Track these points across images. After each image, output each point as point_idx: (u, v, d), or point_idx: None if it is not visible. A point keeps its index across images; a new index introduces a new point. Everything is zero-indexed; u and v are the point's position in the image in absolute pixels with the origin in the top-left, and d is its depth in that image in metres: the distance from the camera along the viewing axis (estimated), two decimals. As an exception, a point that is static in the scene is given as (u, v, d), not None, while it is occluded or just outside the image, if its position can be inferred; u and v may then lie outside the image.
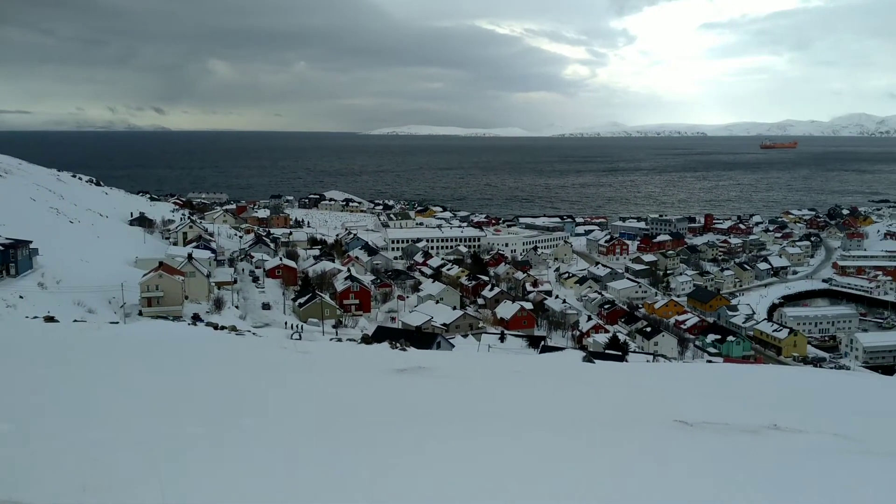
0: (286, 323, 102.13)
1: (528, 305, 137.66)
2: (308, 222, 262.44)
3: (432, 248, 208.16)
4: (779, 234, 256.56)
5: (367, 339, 46.34)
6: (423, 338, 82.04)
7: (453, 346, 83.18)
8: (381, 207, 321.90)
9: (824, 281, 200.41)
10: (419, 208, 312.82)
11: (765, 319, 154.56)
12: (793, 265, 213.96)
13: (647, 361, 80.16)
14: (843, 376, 52.63)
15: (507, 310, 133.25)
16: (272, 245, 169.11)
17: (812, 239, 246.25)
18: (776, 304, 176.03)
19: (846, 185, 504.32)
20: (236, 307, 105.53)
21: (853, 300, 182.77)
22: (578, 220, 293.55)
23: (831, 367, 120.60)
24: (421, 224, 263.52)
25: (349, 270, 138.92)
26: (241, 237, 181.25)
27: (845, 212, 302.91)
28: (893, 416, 22.99)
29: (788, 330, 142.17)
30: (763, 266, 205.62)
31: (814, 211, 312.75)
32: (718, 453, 11.46)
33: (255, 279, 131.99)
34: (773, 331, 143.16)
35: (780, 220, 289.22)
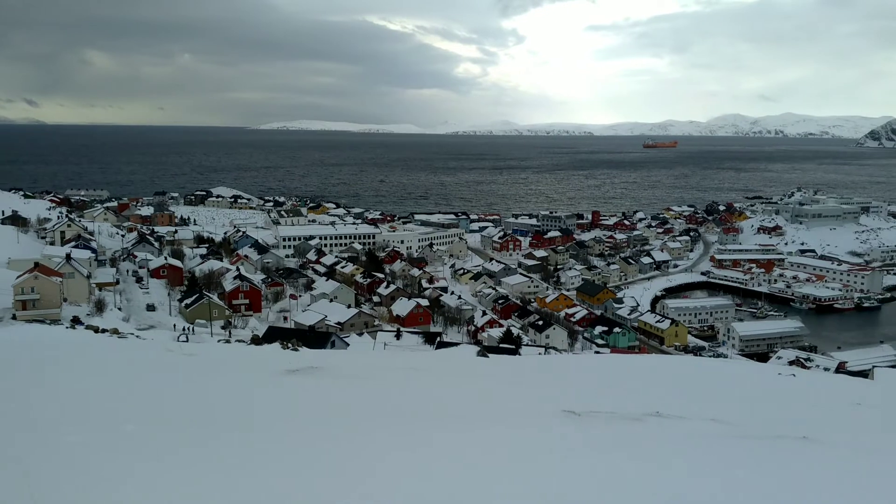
0: (174, 325, 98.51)
1: (424, 302, 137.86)
2: (194, 220, 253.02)
3: (325, 245, 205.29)
4: (660, 230, 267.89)
5: (257, 340, 45.23)
6: (316, 337, 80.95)
7: (348, 344, 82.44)
8: (271, 204, 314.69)
9: (703, 273, 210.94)
10: (311, 205, 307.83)
11: (648, 311, 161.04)
12: (674, 259, 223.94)
13: (539, 354, 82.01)
14: (720, 364, 55.63)
15: (402, 307, 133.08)
16: (156, 244, 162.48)
17: (691, 234, 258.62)
18: (658, 296, 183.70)
19: (722, 183, 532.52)
20: (119, 309, 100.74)
21: (729, 291, 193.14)
22: (473, 216, 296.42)
23: (710, 356, 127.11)
24: (313, 221, 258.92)
25: (238, 269, 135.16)
26: (123, 236, 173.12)
27: (722, 208, 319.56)
28: (766, 401, 24.44)
29: (670, 321, 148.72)
30: (646, 260, 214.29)
31: (693, 207, 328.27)
32: (604, 441, 11.78)
33: (139, 280, 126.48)
34: (656, 322, 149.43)
35: (661, 216, 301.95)
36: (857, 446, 13.55)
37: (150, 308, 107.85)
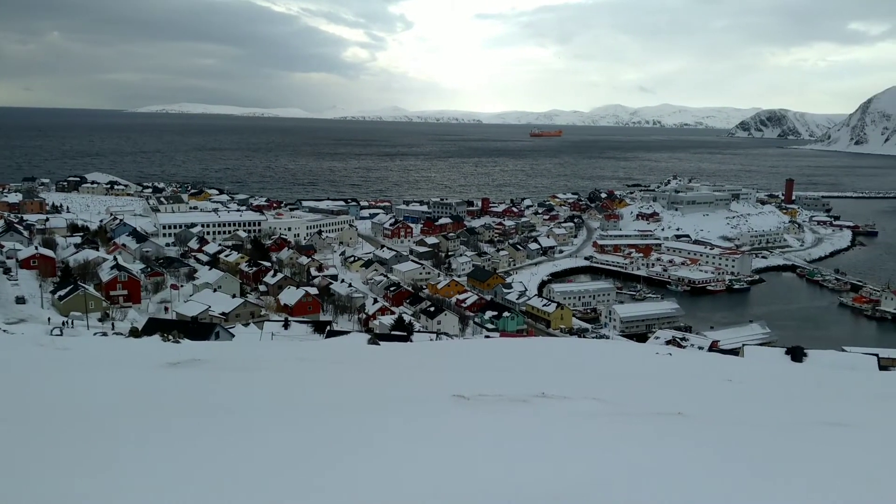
0: (49, 318, 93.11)
1: (314, 290, 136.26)
2: (67, 207, 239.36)
3: (208, 233, 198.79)
4: (546, 217, 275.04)
5: (135, 332, 43.32)
6: (200, 328, 78.39)
7: (233, 335, 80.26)
8: (150, 190, 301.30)
9: (586, 258, 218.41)
10: (193, 191, 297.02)
11: (535, 295, 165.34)
12: (559, 245, 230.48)
13: (431, 340, 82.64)
14: (602, 345, 57.78)
15: (291, 296, 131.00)
16: (26, 233, 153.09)
17: (575, 220, 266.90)
18: (545, 281, 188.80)
19: (604, 171, 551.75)
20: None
21: (611, 275, 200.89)
22: (363, 203, 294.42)
23: (593, 337, 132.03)
24: (195, 208, 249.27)
25: (115, 259, 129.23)
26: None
27: (603, 195, 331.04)
28: (645, 380, 25.54)
29: (556, 304, 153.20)
30: (533, 246, 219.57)
31: (576, 195, 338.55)
32: (492, 423, 11.97)
33: (7, 271, 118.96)
34: (543, 305, 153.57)
35: (547, 203, 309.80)
36: (726, 420, 14.37)
37: (20, 301, 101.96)
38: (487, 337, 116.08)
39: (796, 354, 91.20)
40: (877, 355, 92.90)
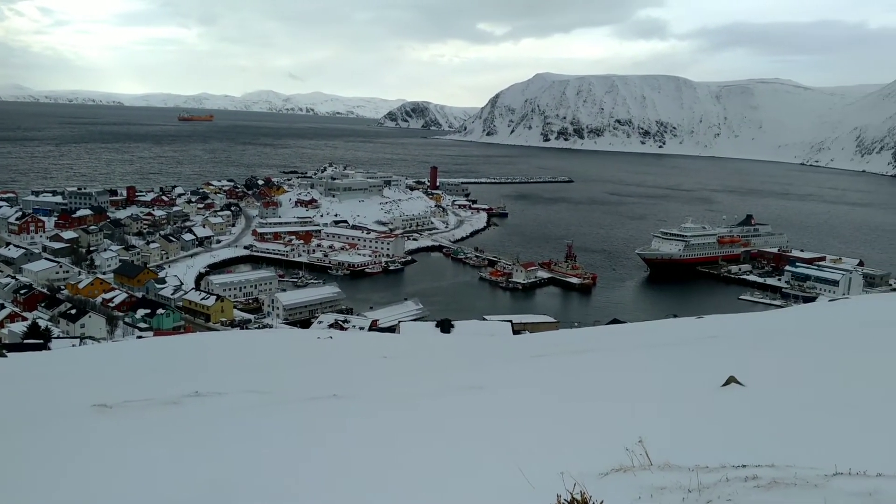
0: None
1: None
2: None
3: None
4: (201, 205, 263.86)
5: None
6: None
7: None
8: None
9: (246, 248, 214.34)
10: None
11: (193, 289, 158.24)
12: (216, 234, 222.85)
13: (73, 346, 75.21)
14: (264, 335, 57.58)
15: None
16: None
17: (232, 209, 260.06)
18: (203, 273, 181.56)
19: (260, 158, 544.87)
20: None
21: (273, 263, 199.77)
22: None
23: (256, 327, 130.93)
24: None
25: None
26: None
27: (261, 182, 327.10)
28: (305, 366, 26.04)
29: (216, 297, 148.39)
30: (188, 237, 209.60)
31: (232, 182, 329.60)
32: (136, 431, 11.22)
33: None
34: (202, 299, 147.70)
35: (201, 191, 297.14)
36: (377, 396, 15.19)
37: None
38: (140, 338, 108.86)
39: (445, 326, 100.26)
40: (510, 321, 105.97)
